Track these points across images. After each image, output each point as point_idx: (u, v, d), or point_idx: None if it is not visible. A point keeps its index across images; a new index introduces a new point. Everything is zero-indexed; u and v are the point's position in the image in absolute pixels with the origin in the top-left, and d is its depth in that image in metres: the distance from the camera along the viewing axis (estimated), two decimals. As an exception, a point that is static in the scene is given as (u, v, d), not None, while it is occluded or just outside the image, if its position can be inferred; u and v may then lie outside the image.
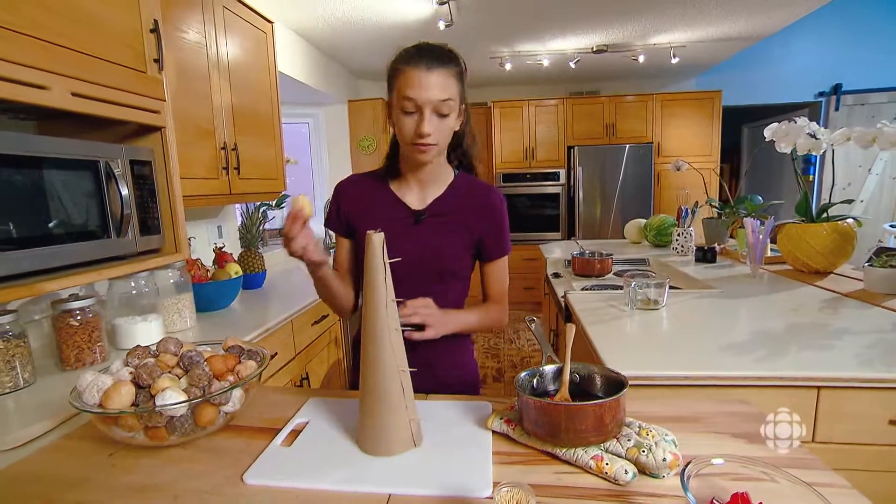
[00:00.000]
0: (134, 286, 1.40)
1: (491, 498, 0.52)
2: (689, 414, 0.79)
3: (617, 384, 0.71)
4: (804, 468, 0.61)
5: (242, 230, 2.27)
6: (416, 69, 0.86)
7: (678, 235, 2.45)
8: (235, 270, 1.83)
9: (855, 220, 1.75)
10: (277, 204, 2.67)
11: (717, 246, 2.29)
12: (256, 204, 2.30)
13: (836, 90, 4.55)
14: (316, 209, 4.21)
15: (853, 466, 0.97)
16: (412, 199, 1.01)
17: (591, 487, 0.61)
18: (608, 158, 4.44)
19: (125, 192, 1.16)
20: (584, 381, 0.77)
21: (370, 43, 3.47)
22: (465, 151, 1.04)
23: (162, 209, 1.32)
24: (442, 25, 2.99)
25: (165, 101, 1.29)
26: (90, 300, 1.21)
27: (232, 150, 1.86)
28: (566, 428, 0.64)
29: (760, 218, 1.96)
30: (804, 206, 1.79)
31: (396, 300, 0.73)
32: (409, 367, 0.73)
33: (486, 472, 0.64)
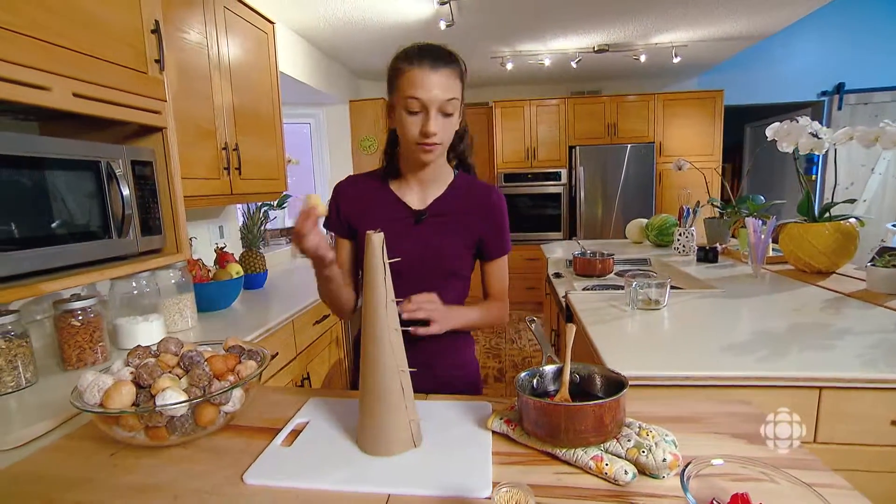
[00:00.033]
0: (135, 286, 1.40)
1: (490, 498, 0.52)
2: (689, 414, 0.79)
3: (617, 384, 0.71)
4: (804, 469, 0.61)
5: (244, 230, 2.27)
6: (421, 69, 0.86)
7: (680, 235, 2.44)
8: (237, 270, 1.83)
9: (857, 219, 1.75)
10: (279, 204, 2.67)
11: (718, 246, 2.28)
12: (258, 204, 2.30)
13: (838, 89, 4.53)
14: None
15: (855, 467, 0.97)
16: (412, 199, 1.01)
17: (590, 488, 0.61)
18: (610, 158, 4.43)
19: (126, 192, 1.16)
20: (584, 381, 0.77)
21: (371, 43, 3.48)
22: (463, 151, 1.05)
23: (163, 209, 1.32)
24: (443, 25, 2.99)
25: (166, 101, 1.30)
26: (92, 300, 1.22)
27: (233, 150, 1.87)
28: (566, 428, 0.64)
29: (762, 217, 1.95)
30: (806, 205, 1.79)
31: (397, 300, 0.73)
32: (409, 366, 0.73)
33: (485, 472, 0.64)
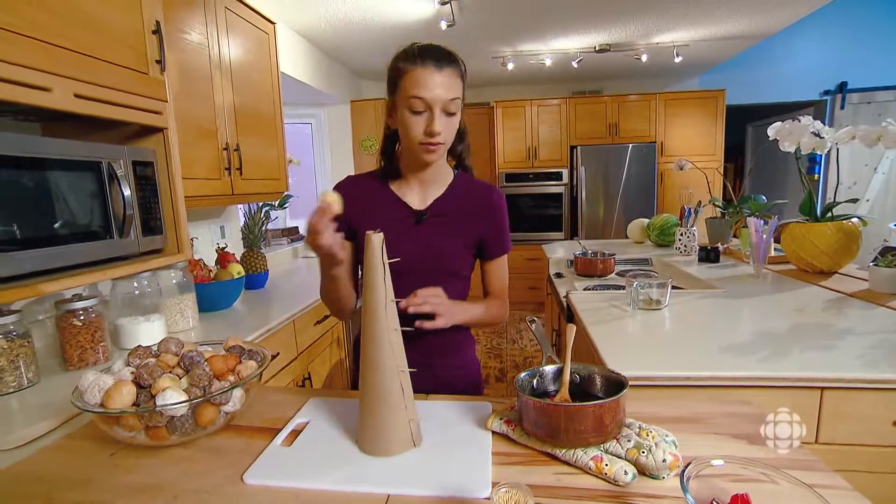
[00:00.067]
0: (137, 286, 1.41)
1: (489, 499, 0.52)
2: (690, 415, 0.78)
3: (617, 385, 0.71)
4: (805, 469, 0.61)
5: (245, 230, 2.28)
6: (425, 69, 0.86)
7: (681, 235, 2.44)
8: (238, 271, 1.84)
9: (860, 219, 1.74)
10: (280, 204, 2.67)
11: (720, 246, 2.27)
12: (259, 204, 2.31)
13: (841, 88, 4.52)
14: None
15: (857, 468, 0.96)
16: (413, 199, 1.01)
17: (590, 488, 0.60)
18: (611, 158, 4.43)
19: (127, 192, 1.16)
20: (584, 381, 0.77)
21: (372, 43, 3.48)
22: (462, 152, 1.05)
23: (164, 210, 1.33)
24: (444, 25, 2.99)
25: (167, 101, 1.30)
26: (93, 300, 1.22)
27: (234, 150, 1.87)
28: (566, 428, 0.64)
29: (764, 217, 1.94)
30: (808, 205, 1.78)
31: (397, 300, 0.73)
32: (409, 366, 0.73)
33: (485, 472, 0.64)
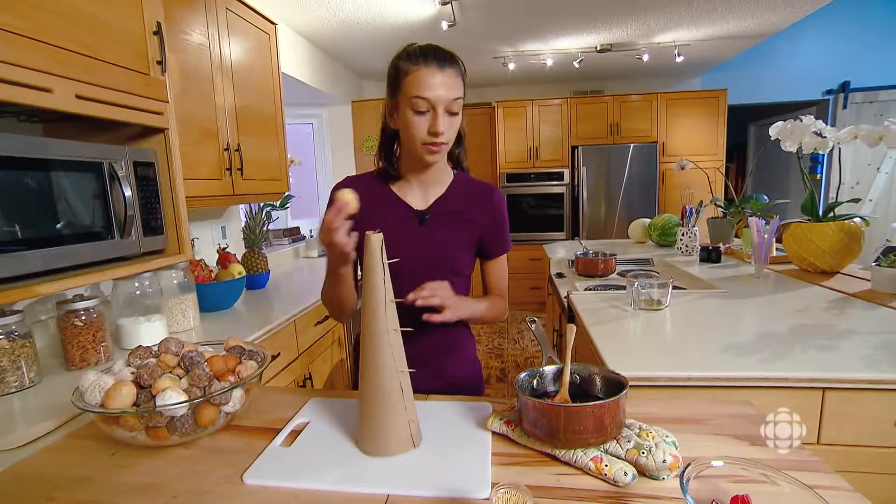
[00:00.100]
0: (138, 286, 1.41)
1: (488, 499, 0.52)
2: (690, 415, 0.78)
3: (617, 385, 0.71)
4: (806, 470, 0.61)
5: (246, 231, 2.28)
6: (428, 69, 0.86)
7: (683, 235, 2.43)
8: (239, 271, 1.84)
9: (862, 218, 1.74)
10: (281, 205, 2.68)
11: (721, 246, 2.27)
12: (260, 205, 2.31)
13: (844, 88, 4.50)
14: (320, 210, 4.22)
15: (859, 469, 0.96)
16: (414, 199, 1.01)
17: (590, 489, 0.60)
18: (612, 158, 4.42)
19: (129, 193, 1.17)
20: (584, 382, 0.77)
21: (373, 43, 3.48)
22: (459, 154, 1.05)
23: (165, 210, 1.33)
24: (445, 25, 2.99)
25: (168, 102, 1.30)
26: (95, 300, 1.23)
27: (235, 151, 1.87)
28: (565, 429, 0.64)
29: (766, 217, 1.94)
30: (810, 205, 1.78)
31: (396, 300, 0.73)
32: (410, 366, 0.73)
33: (484, 473, 0.64)
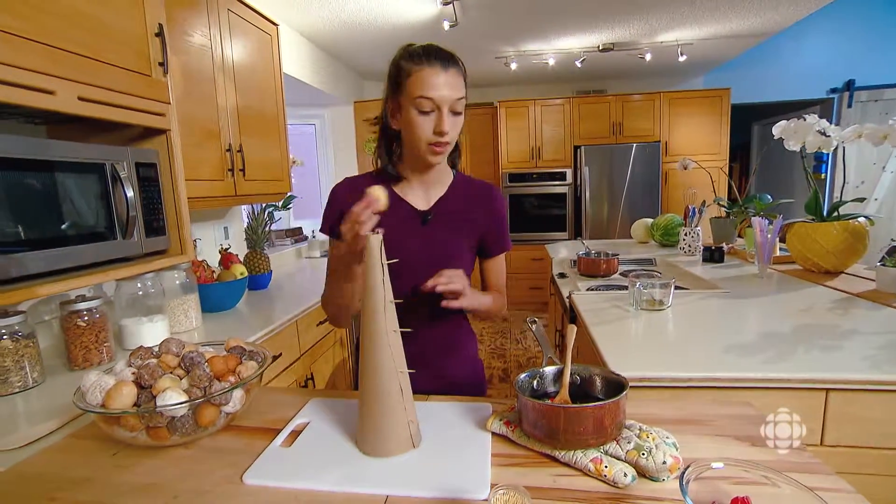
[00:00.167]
0: (140, 287, 1.42)
1: (486, 500, 0.52)
2: (691, 416, 0.78)
3: (617, 386, 0.70)
4: (808, 472, 0.60)
5: (248, 231, 2.28)
6: (432, 69, 0.86)
7: (685, 235, 2.42)
8: (241, 271, 1.84)
9: (867, 218, 1.72)
10: (284, 205, 2.68)
11: (724, 245, 2.26)
12: (262, 205, 2.32)
13: (848, 86, 4.47)
14: (321, 211, 4.21)
15: (862, 470, 0.95)
16: (416, 199, 1.01)
17: (589, 490, 0.60)
18: (615, 158, 4.41)
19: (131, 194, 1.17)
20: (584, 382, 0.77)
21: (375, 44, 3.48)
22: (455, 157, 1.05)
23: (167, 211, 1.33)
24: (447, 26, 2.99)
25: (170, 103, 1.31)
26: (97, 301, 1.23)
27: (237, 151, 1.88)
28: (565, 430, 0.64)
29: (769, 217, 1.93)
30: (814, 204, 1.77)
31: (395, 301, 0.73)
32: (410, 365, 0.73)
33: (484, 473, 0.64)
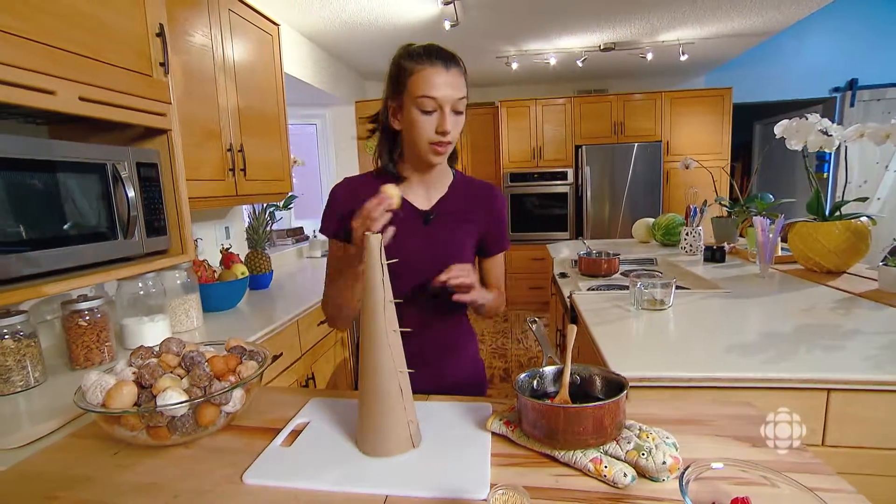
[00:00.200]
0: (141, 287, 1.42)
1: (486, 500, 0.52)
2: (692, 416, 0.78)
3: (617, 386, 0.70)
4: (808, 472, 0.60)
5: (249, 231, 2.29)
6: (434, 68, 0.86)
7: (687, 235, 2.42)
8: (242, 271, 1.85)
9: (869, 218, 1.72)
10: (285, 205, 2.68)
11: (726, 245, 2.25)
12: (263, 205, 2.32)
13: (851, 85, 4.45)
14: (322, 211, 4.22)
15: (864, 471, 0.95)
16: (417, 199, 1.01)
17: (589, 491, 0.60)
18: (616, 157, 4.40)
19: (132, 194, 1.17)
20: (584, 382, 0.76)
21: (376, 44, 3.48)
22: (456, 150, 1.05)
23: (168, 211, 1.34)
24: (447, 25, 2.99)
25: (171, 103, 1.31)
26: (99, 301, 1.23)
27: (238, 151, 1.88)
28: (565, 430, 0.64)
29: (770, 216, 1.92)
30: (816, 203, 1.76)
31: (395, 300, 0.73)
32: (410, 366, 0.73)
33: (483, 473, 0.64)
